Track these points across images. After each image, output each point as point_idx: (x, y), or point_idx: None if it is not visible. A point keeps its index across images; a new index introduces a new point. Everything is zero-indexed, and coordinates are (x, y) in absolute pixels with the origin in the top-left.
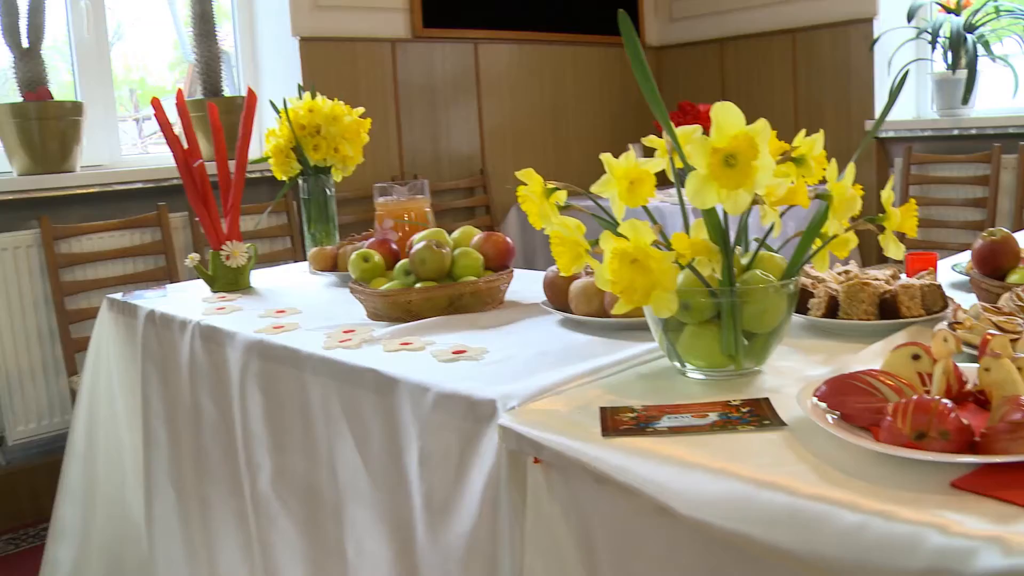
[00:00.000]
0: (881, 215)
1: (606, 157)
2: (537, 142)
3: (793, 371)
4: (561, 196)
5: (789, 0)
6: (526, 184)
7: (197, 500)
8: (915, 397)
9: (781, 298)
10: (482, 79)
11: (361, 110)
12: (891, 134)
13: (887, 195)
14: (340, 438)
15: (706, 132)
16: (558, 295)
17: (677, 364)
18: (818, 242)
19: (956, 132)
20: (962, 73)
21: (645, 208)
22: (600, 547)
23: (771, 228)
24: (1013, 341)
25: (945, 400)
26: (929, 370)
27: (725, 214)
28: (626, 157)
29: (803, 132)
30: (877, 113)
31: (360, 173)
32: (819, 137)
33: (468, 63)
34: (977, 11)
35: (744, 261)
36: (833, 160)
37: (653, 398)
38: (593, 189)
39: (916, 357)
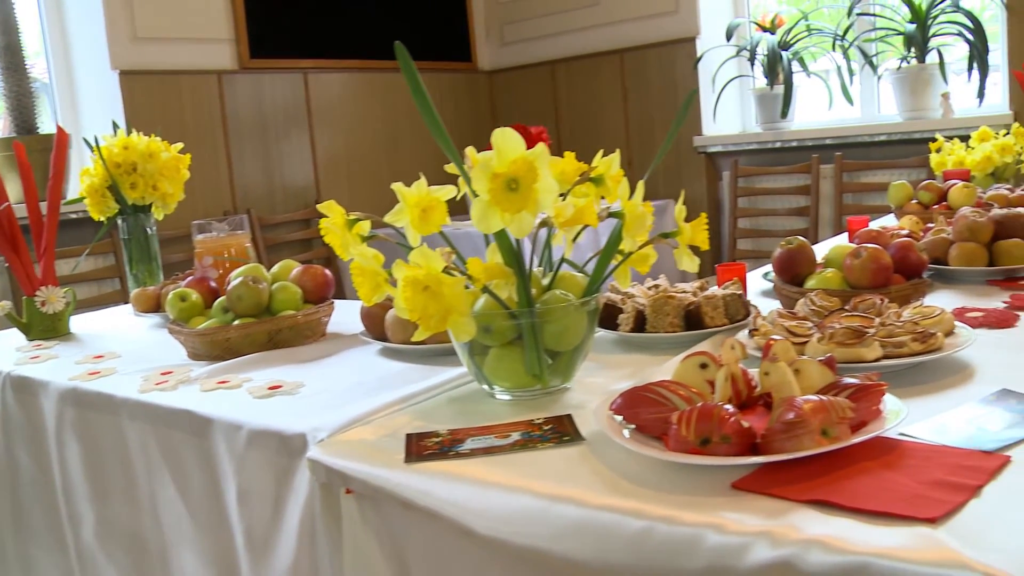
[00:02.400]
0: (675, 231)
1: (398, 186)
2: (373, 171)
3: (600, 386)
4: (364, 227)
5: (617, 22)
6: (328, 216)
7: (19, 561)
8: (699, 405)
9: (582, 316)
10: (313, 109)
11: (180, 145)
12: (720, 148)
13: (679, 211)
14: (161, 482)
15: None
16: (375, 324)
17: (486, 387)
18: (618, 258)
19: (778, 145)
20: (780, 88)
21: (442, 233)
22: (415, 573)
23: (571, 247)
24: (802, 344)
25: (727, 406)
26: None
27: (520, 238)
28: (418, 186)
29: (600, 152)
30: (704, 129)
31: (190, 209)
32: (615, 157)
33: (298, 93)
34: (790, 30)
35: (545, 282)
36: (625, 180)
37: (462, 421)
38: (387, 219)
39: (704, 366)
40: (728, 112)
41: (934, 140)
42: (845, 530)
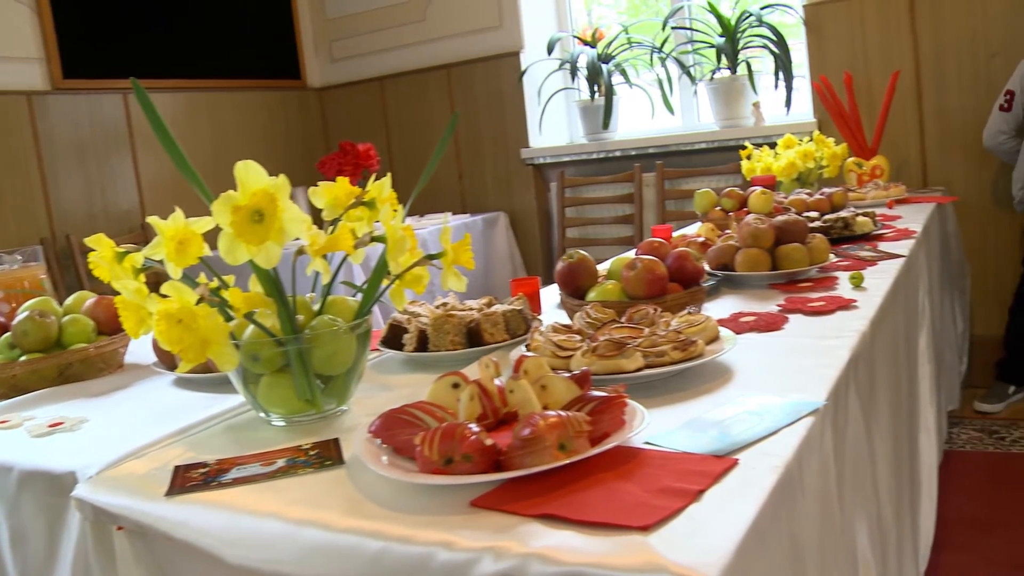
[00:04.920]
0: (440, 252)
1: (154, 220)
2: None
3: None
4: (137, 259)
5: (443, 37)
6: (96, 250)
7: None
8: (443, 425)
9: (351, 339)
10: (135, 130)
11: None
12: (549, 160)
13: (444, 234)
14: None
15: (360, 171)
16: (167, 354)
17: (262, 414)
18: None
19: (602, 155)
20: (601, 100)
21: (206, 263)
22: None
23: (336, 274)
24: (568, 358)
25: (472, 425)
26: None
27: (268, 268)
28: (174, 219)
29: (373, 176)
30: (532, 141)
31: (3, 237)
32: (386, 181)
33: (119, 114)
34: (611, 43)
35: (315, 307)
36: (388, 204)
37: (235, 450)
38: (144, 253)
39: (456, 385)
40: (555, 124)
41: (745, 148)
42: (565, 542)
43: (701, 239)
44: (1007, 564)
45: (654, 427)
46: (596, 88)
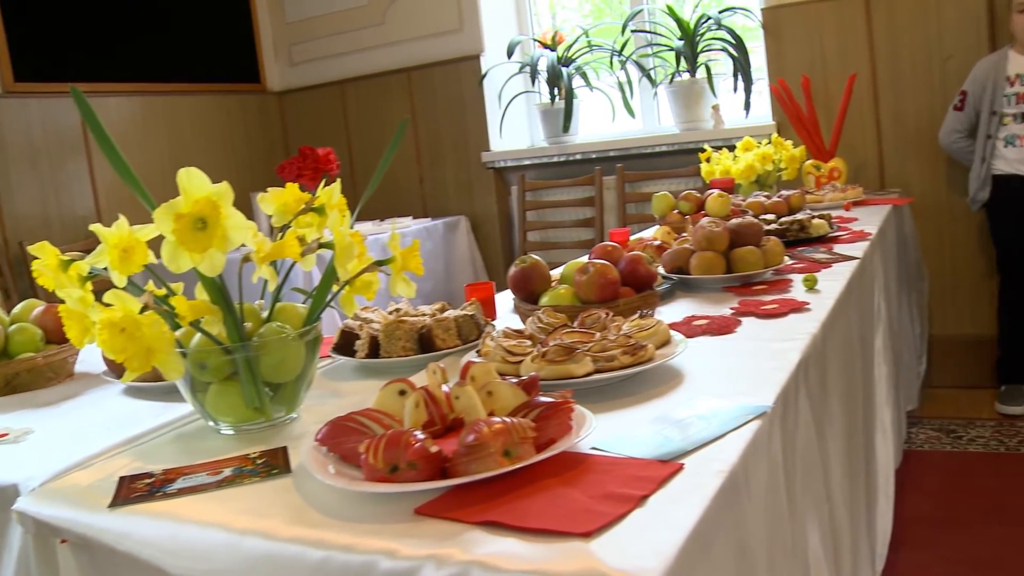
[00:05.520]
0: (389, 258)
1: (97, 227)
2: (159, 196)
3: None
4: (82, 267)
5: (403, 40)
6: (40, 258)
7: None
8: (388, 433)
9: (299, 346)
10: (91, 135)
11: None
12: (510, 163)
13: (393, 240)
14: None
15: (320, 175)
16: (116, 363)
17: (211, 423)
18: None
19: (563, 158)
20: (562, 103)
21: (153, 272)
22: None
23: (284, 281)
24: (518, 364)
25: (417, 432)
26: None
27: (212, 276)
28: (117, 226)
29: (323, 182)
30: (493, 144)
31: None
32: (336, 186)
33: (73, 119)
34: (571, 46)
35: (264, 314)
36: (336, 211)
37: (183, 459)
38: (88, 261)
39: (402, 392)
40: (515, 127)
41: (705, 150)
42: (507, 549)
43: (657, 242)
44: (964, 562)
45: (602, 432)
46: (557, 91)
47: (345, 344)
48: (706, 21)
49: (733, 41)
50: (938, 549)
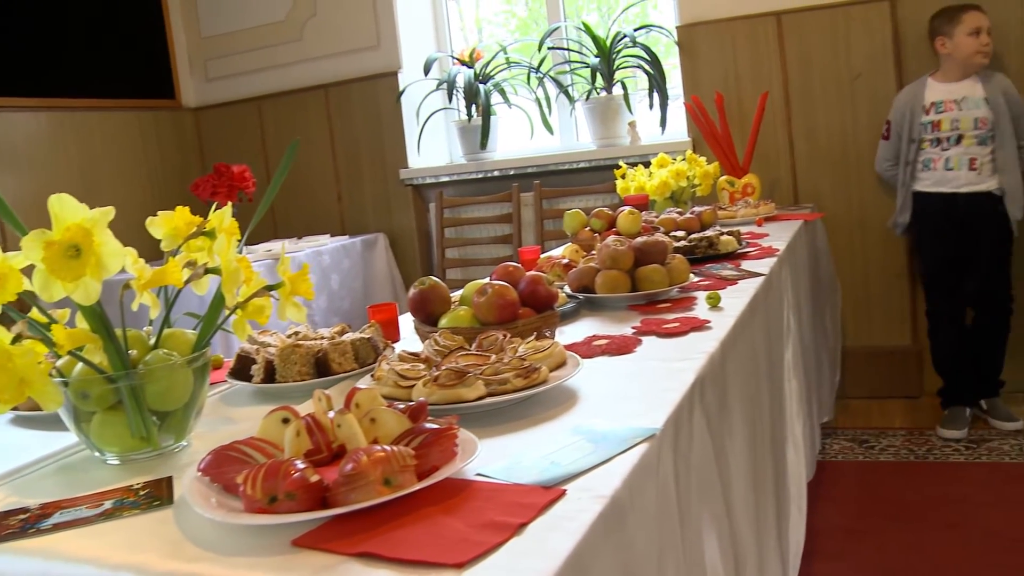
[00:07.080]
0: (279, 283)
1: None
2: None
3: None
4: None
5: (320, 57)
6: None
7: None
8: (267, 463)
9: (187, 373)
10: None
11: None
12: (428, 180)
13: (283, 264)
14: None
15: (235, 192)
16: None
17: (96, 453)
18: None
19: (481, 175)
20: (479, 120)
21: (33, 300)
22: None
23: (171, 307)
24: (409, 388)
25: (297, 461)
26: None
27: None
28: None
29: (215, 205)
30: (411, 161)
31: None
32: (227, 210)
33: None
34: (489, 63)
35: (152, 341)
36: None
37: (65, 492)
38: None
39: (286, 420)
40: (434, 144)
41: (620, 167)
42: None
43: (566, 261)
44: (876, 570)
45: (490, 457)
46: (474, 108)
47: (241, 369)
48: (622, 39)
49: (649, 58)
50: (851, 559)
